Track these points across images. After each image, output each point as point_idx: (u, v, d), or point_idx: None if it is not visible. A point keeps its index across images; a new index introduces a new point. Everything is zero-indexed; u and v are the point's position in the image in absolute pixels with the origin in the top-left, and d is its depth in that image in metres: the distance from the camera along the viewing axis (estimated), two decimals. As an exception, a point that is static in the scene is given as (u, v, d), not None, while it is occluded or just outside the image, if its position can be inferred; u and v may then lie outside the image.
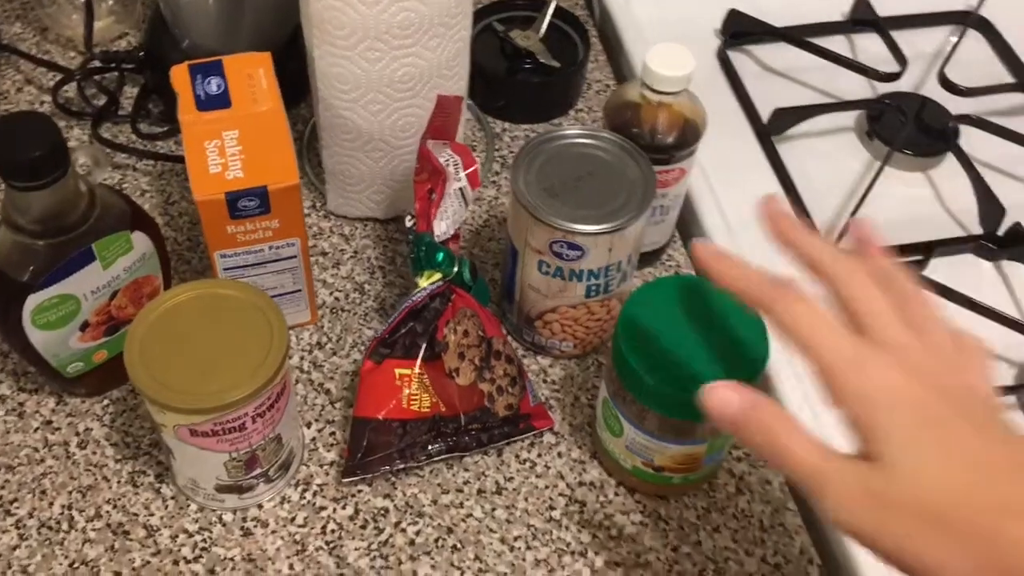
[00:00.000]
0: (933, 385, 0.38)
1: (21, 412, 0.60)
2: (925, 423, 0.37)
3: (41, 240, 0.51)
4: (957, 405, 0.38)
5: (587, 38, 0.80)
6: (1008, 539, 0.36)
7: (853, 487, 0.37)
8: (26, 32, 0.81)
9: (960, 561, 0.36)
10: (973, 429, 0.38)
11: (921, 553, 0.36)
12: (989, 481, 0.37)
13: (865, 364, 0.39)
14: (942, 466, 0.37)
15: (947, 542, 0.36)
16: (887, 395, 0.38)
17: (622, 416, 0.55)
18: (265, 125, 0.58)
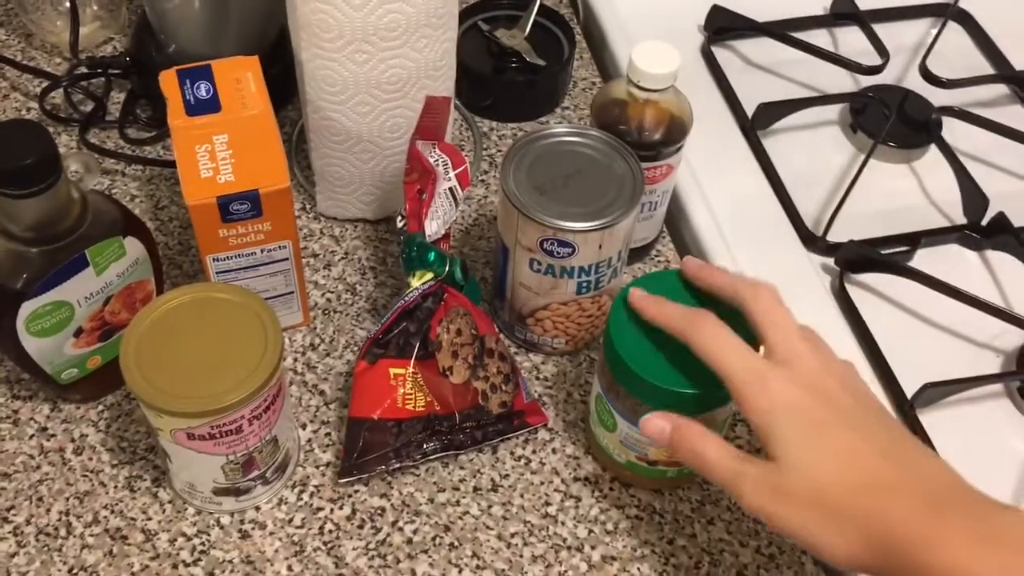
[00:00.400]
0: (820, 392, 0.46)
1: (16, 419, 0.60)
2: (811, 426, 0.45)
3: (34, 247, 0.51)
4: (838, 408, 0.46)
5: (572, 36, 0.80)
6: (880, 512, 0.43)
7: (760, 484, 0.45)
8: (10, 39, 0.81)
9: (846, 538, 0.43)
10: (850, 427, 0.46)
11: (816, 536, 0.44)
12: (862, 467, 0.44)
13: (767, 381, 0.47)
14: (824, 460, 0.45)
15: (833, 524, 0.44)
16: (783, 407, 0.46)
17: (615, 411, 0.55)
18: (255, 129, 0.58)
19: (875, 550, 0.43)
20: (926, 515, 0.42)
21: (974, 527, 0.42)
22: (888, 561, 0.42)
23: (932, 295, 0.68)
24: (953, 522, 0.42)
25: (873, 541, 0.43)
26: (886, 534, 0.42)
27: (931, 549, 0.41)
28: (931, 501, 0.43)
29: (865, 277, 0.71)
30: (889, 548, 0.42)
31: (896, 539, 0.42)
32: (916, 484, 0.44)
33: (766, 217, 0.74)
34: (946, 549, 0.41)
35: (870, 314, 0.68)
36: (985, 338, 0.68)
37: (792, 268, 0.71)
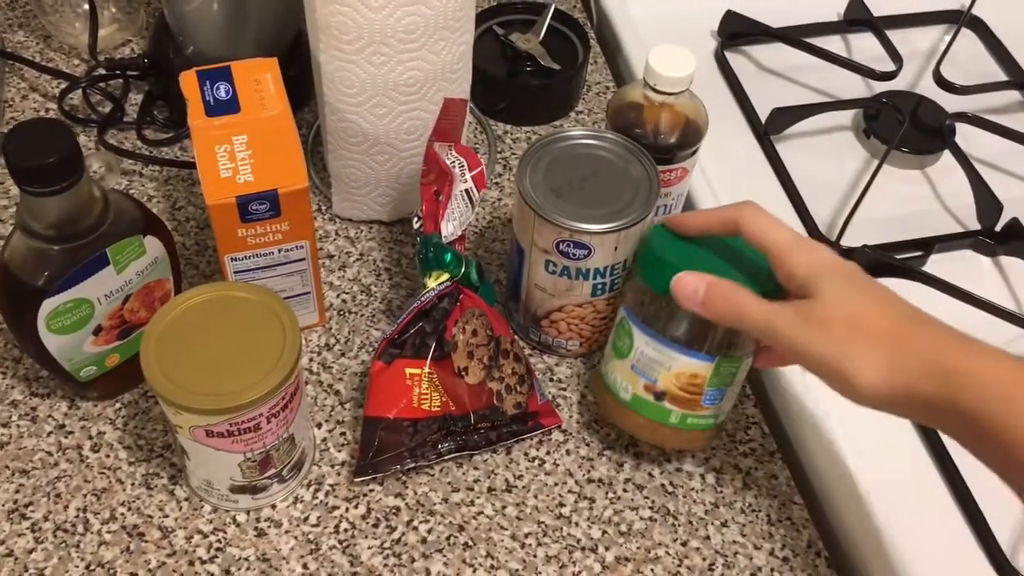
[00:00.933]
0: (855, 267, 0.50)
1: (34, 417, 0.60)
2: (848, 277, 0.49)
3: (56, 245, 0.51)
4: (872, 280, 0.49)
5: (586, 41, 0.80)
6: (912, 335, 0.46)
7: (795, 316, 0.48)
8: (29, 40, 0.81)
9: (875, 357, 0.45)
10: (880, 285, 0.49)
11: (846, 358, 0.46)
12: (891, 304, 0.48)
13: (813, 246, 0.51)
14: (860, 297, 0.48)
15: (864, 343, 0.46)
16: (827, 264, 0.49)
17: (635, 325, 0.55)
18: (274, 129, 0.58)
19: (910, 374, 0.44)
20: (964, 342, 0.45)
21: (1005, 355, 0.44)
22: (923, 384, 0.44)
23: (946, 300, 0.68)
24: (990, 350, 0.44)
25: (911, 361, 0.45)
26: (926, 353, 0.44)
27: (977, 363, 0.43)
28: (958, 337, 0.46)
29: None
30: (928, 367, 0.44)
31: (936, 357, 0.44)
32: (943, 326, 0.47)
33: (780, 221, 0.74)
34: (994, 365, 0.43)
35: (883, 319, 0.68)
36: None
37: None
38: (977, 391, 0.43)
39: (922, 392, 0.44)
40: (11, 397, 0.61)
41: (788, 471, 0.61)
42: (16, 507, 0.56)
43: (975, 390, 0.43)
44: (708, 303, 0.51)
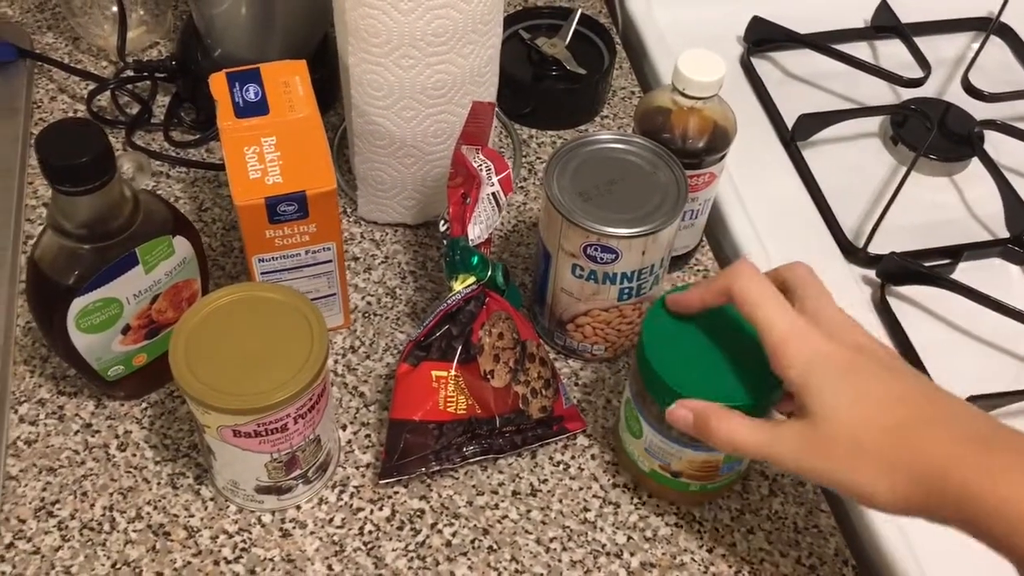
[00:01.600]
0: (853, 344, 0.47)
1: (61, 415, 0.60)
2: (844, 373, 0.45)
3: (86, 244, 0.52)
4: (870, 356, 0.46)
5: (612, 45, 0.80)
6: (923, 449, 0.43)
7: (797, 442, 0.46)
8: (58, 42, 0.82)
9: (892, 481, 0.43)
10: (882, 370, 0.46)
11: (862, 484, 0.44)
12: (899, 407, 0.44)
13: (807, 335, 0.47)
14: (860, 405, 0.44)
15: (876, 468, 0.43)
16: (821, 359, 0.46)
17: (642, 417, 0.55)
18: (302, 131, 0.58)
19: (921, 489, 0.42)
20: (973, 449, 0.42)
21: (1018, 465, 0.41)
22: (935, 499, 0.42)
23: (974, 308, 0.67)
24: (1003, 456, 0.41)
25: (918, 479, 0.42)
26: (932, 470, 0.42)
27: (983, 481, 0.41)
28: (975, 436, 0.42)
29: (906, 289, 0.70)
30: (936, 484, 0.42)
31: (943, 474, 0.42)
32: (955, 420, 0.43)
33: (806, 228, 0.74)
34: (1002, 480, 0.40)
35: (912, 327, 0.67)
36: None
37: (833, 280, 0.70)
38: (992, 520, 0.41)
39: (940, 512, 0.42)
40: (38, 395, 0.61)
41: (815, 479, 0.61)
42: (43, 505, 0.56)
43: (990, 520, 0.41)
44: (701, 430, 0.49)
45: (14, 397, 0.61)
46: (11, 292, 0.65)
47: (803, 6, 0.89)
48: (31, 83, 0.78)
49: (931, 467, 0.42)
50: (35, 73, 0.79)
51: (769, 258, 0.71)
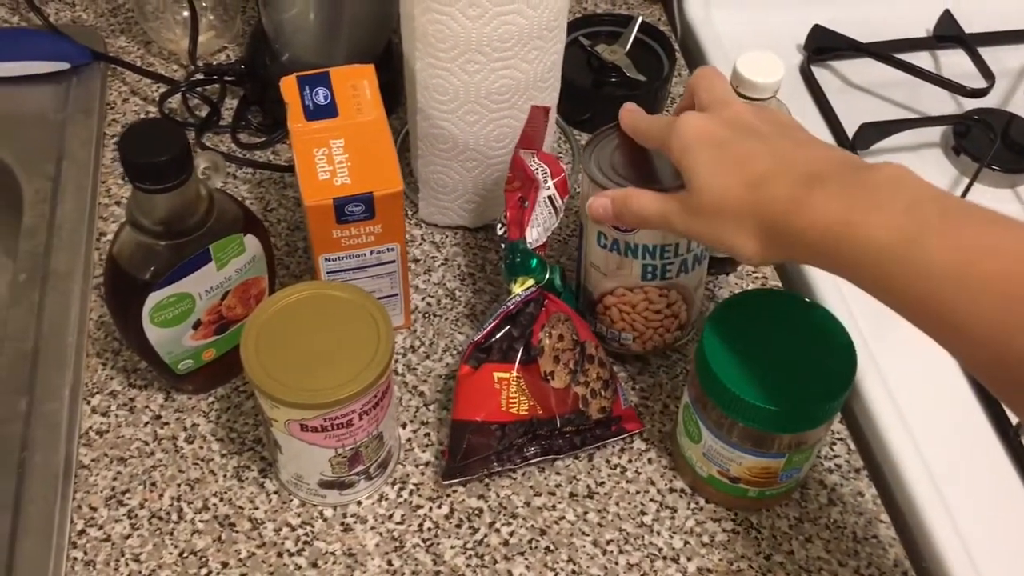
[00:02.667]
0: (734, 123, 0.50)
1: (132, 407, 0.62)
2: (714, 147, 0.49)
3: (162, 241, 0.53)
4: (745, 128, 0.49)
5: (672, 53, 0.81)
6: (764, 201, 0.46)
7: (680, 210, 0.50)
8: (131, 45, 0.84)
9: (749, 236, 0.47)
10: (748, 137, 0.49)
11: (728, 241, 0.48)
12: (752, 169, 0.47)
13: (684, 122, 0.50)
14: (722, 172, 0.48)
15: (735, 226, 0.48)
16: (695, 139, 0.50)
17: (701, 423, 0.55)
18: (370, 134, 0.60)
19: (770, 238, 0.46)
20: (799, 189, 0.45)
21: (839, 186, 0.44)
22: (781, 246, 0.46)
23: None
24: (821, 187, 0.45)
25: (765, 229, 0.46)
26: (772, 219, 0.46)
27: (801, 213, 0.45)
28: (806, 178, 0.45)
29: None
30: (777, 231, 0.46)
31: (778, 219, 0.46)
32: (796, 168, 0.46)
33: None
34: (812, 208, 0.44)
35: (973, 338, 0.67)
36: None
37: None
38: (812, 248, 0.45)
39: (795, 256, 0.47)
40: (110, 388, 0.63)
41: (875, 488, 0.61)
42: (114, 494, 0.58)
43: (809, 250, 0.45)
44: (617, 213, 0.54)
45: (87, 388, 0.63)
46: (85, 287, 0.67)
47: (864, 15, 0.89)
48: (105, 85, 0.80)
49: (771, 216, 0.46)
50: (108, 76, 0.81)
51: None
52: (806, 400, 0.51)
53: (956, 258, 0.40)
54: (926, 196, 0.43)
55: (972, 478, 0.61)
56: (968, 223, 0.41)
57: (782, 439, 0.53)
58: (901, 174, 0.44)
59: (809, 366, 0.52)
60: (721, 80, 0.53)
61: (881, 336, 0.66)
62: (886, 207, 0.42)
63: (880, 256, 0.42)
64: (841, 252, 0.43)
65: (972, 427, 0.64)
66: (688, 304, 0.63)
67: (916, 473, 0.60)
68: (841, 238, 0.43)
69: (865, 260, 0.42)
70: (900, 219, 0.42)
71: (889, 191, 0.43)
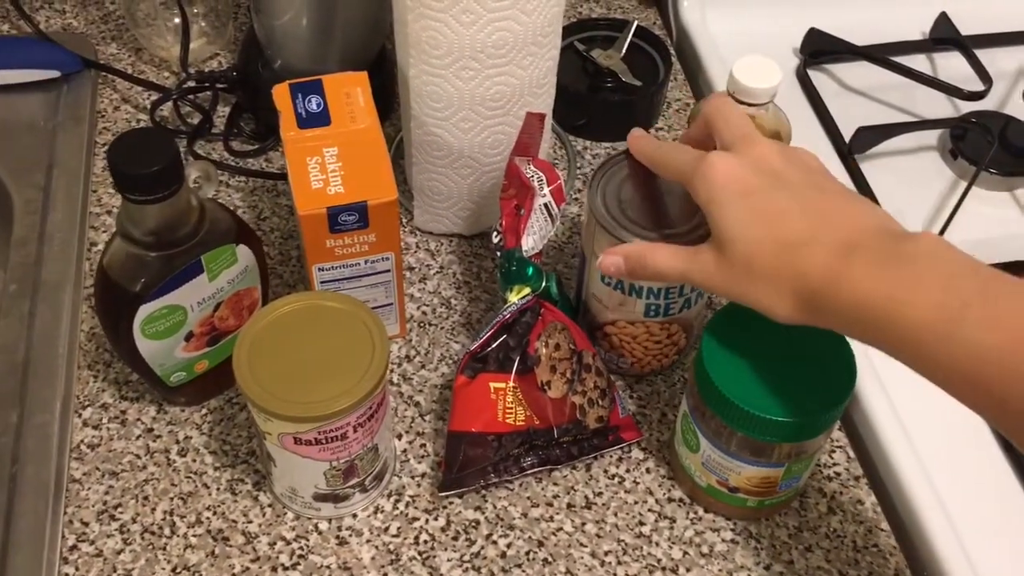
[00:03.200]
0: (761, 167, 0.48)
1: (123, 420, 0.61)
2: (743, 196, 0.47)
3: (153, 252, 0.53)
4: (774, 176, 0.48)
5: (668, 57, 0.80)
6: (799, 268, 0.45)
7: (707, 267, 0.49)
8: (122, 52, 0.83)
9: (782, 298, 0.46)
10: (780, 191, 0.47)
11: (760, 301, 0.47)
12: (784, 227, 0.46)
13: (715, 161, 0.48)
14: (752, 227, 0.47)
15: (767, 287, 0.46)
16: (722, 185, 0.48)
17: (700, 432, 0.55)
18: (363, 142, 0.59)
19: (804, 304, 0.45)
20: (836, 260, 0.44)
21: (876, 260, 0.43)
22: (816, 312, 0.45)
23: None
24: (859, 258, 0.44)
25: (799, 295, 0.45)
26: (808, 288, 0.45)
27: (840, 286, 0.44)
28: (843, 246, 0.44)
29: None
30: (813, 300, 0.45)
31: (815, 289, 0.45)
32: (832, 235, 0.45)
33: (864, 242, 0.73)
34: (850, 282, 0.43)
35: (973, 343, 0.66)
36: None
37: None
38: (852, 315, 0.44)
39: (828, 324, 0.46)
40: (102, 400, 0.62)
41: (874, 496, 0.60)
42: (105, 508, 0.57)
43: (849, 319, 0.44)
44: (631, 270, 0.53)
45: (78, 401, 0.62)
46: (76, 298, 0.66)
47: (860, 18, 0.88)
48: (95, 93, 0.80)
49: (807, 285, 0.45)
50: (99, 83, 0.81)
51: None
52: (806, 409, 0.51)
53: (998, 338, 0.40)
54: (965, 271, 0.42)
55: (972, 486, 0.60)
56: (1008, 299, 0.41)
57: (781, 448, 0.53)
58: (938, 248, 0.43)
59: (809, 375, 0.52)
60: (739, 114, 0.52)
61: (880, 342, 0.66)
62: (925, 282, 0.42)
63: (921, 334, 0.42)
64: (880, 328, 0.43)
65: (972, 434, 0.63)
66: (688, 333, 0.63)
67: (916, 481, 0.60)
68: (880, 315, 0.43)
69: (906, 337, 0.42)
70: (939, 296, 0.41)
71: (927, 265, 0.42)
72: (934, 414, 0.63)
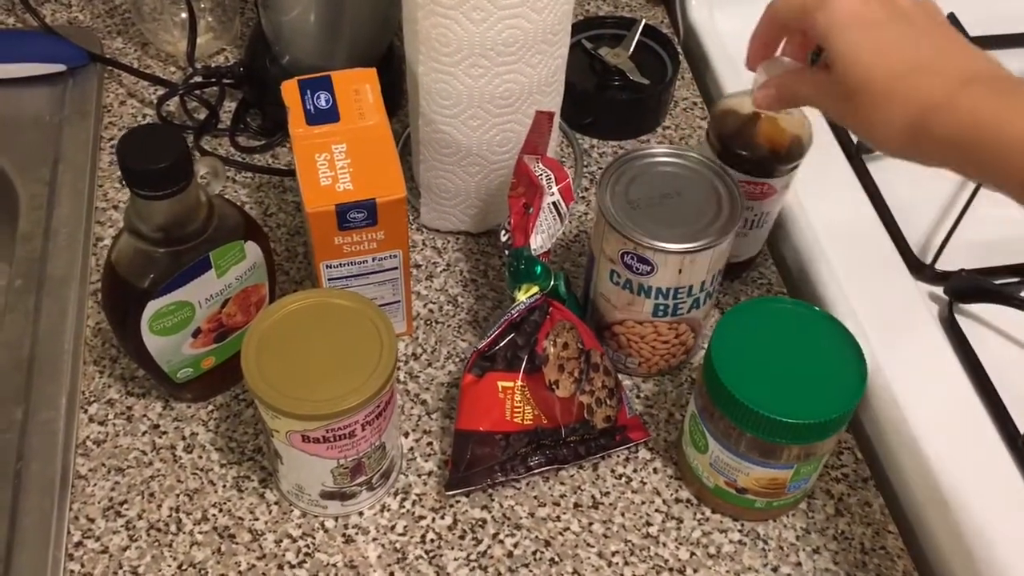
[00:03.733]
0: (886, 4, 0.49)
1: (130, 416, 0.61)
2: (864, 27, 0.48)
3: (161, 248, 0.52)
4: (895, 9, 0.49)
5: (676, 56, 0.80)
6: (915, 91, 0.46)
7: (826, 89, 0.50)
8: (128, 47, 0.83)
9: (892, 121, 0.47)
10: (901, 22, 0.48)
11: (868, 124, 0.48)
12: (903, 55, 0.47)
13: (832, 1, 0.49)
14: (870, 52, 0.48)
15: (879, 110, 0.47)
16: (843, 17, 0.48)
17: (708, 433, 0.55)
18: (372, 139, 0.59)
19: (914, 128, 0.46)
20: (954, 86, 0.45)
21: (992, 89, 0.45)
22: (924, 139, 0.46)
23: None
24: (975, 87, 0.45)
25: (911, 119, 0.46)
26: (921, 110, 0.46)
27: (953, 109, 0.45)
28: (962, 78, 0.46)
29: (976, 308, 0.69)
30: (924, 124, 0.46)
31: (927, 112, 0.45)
32: (952, 65, 0.47)
33: (872, 243, 0.73)
34: (965, 104, 0.45)
35: (981, 346, 0.66)
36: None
37: (899, 296, 0.70)
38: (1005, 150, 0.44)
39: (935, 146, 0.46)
40: (108, 396, 0.62)
41: (882, 499, 0.60)
42: (111, 505, 0.57)
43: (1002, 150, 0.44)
44: (780, 101, 0.55)
45: (84, 397, 0.62)
46: (81, 293, 0.66)
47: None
48: (101, 87, 0.79)
49: (921, 108, 0.46)
50: (105, 78, 0.80)
51: (833, 272, 0.70)
52: (816, 411, 0.50)
53: None
54: None
55: (980, 488, 0.60)
56: None
57: (791, 450, 0.53)
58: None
59: (819, 376, 0.52)
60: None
61: (889, 344, 0.66)
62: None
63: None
64: (986, 147, 0.44)
65: (979, 436, 0.63)
66: (696, 333, 0.63)
67: (924, 483, 0.60)
68: (988, 134, 0.44)
69: (1012, 155, 0.43)
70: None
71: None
72: (942, 417, 0.63)
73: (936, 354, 0.67)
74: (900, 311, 0.69)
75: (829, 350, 0.53)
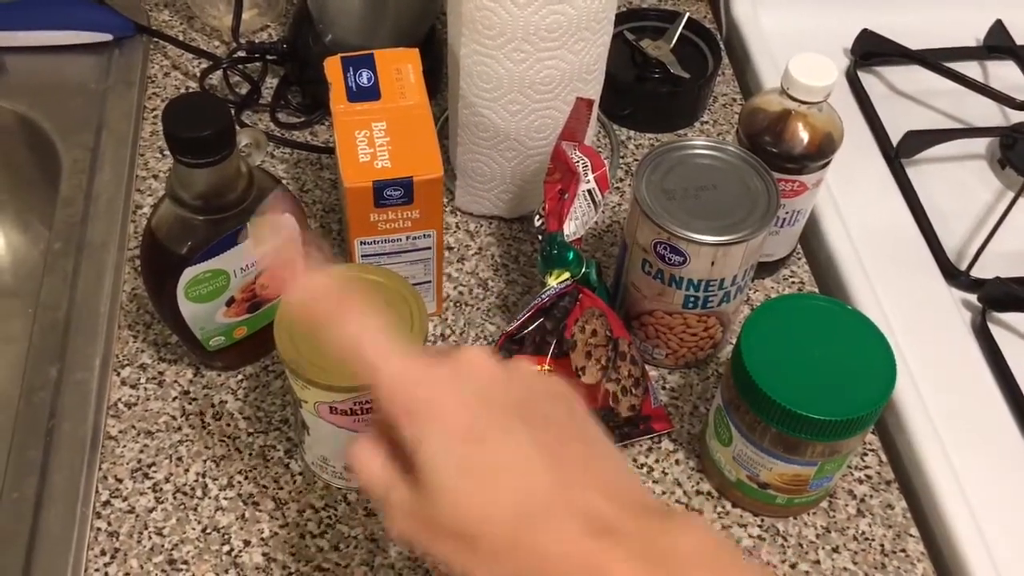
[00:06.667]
0: (488, 397, 0.38)
1: (161, 381, 0.62)
2: (466, 442, 0.37)
3: (201, 216, 0.53)
4: (506, 413, 0.38)
5: (717, 51, 0.80)
6: (526, 547, 0.36)
7: (406, 510, 0.38)
8: (174, 20, 0.84)
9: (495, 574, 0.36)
10: (515, 437, 0.37)
11: (465, 570, 0.37)
12: (517, 489, 0.37)
13: (420, 379, 0.38)
14: (474, 486, 0.37)
15: (481, 559, 0.36)
16: (433, 414, 0.37)
17: (733, 426, 0.55)
18: (412, 118, 0.59)
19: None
20: (587, 540, 0.36)
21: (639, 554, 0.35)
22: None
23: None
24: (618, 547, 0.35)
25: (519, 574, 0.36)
26: (541, 569, 0.36)
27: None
28: (593, 523, 0.36)
29: (1009, 316, 0.68)
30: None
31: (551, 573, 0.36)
32: (576, 501, 0.36)
33: (907, 248, 0.73)
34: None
35: (1013, 355, 0.66)
36: None
37: (932, 302, 0.69)
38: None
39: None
40: (140, 360, 0.63)
41: (905, 502, 0.60)
42: (140, 466, 0.58)
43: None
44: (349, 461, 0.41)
45: (117, 360, 0.63)
46: (119, 259, 0.67)
47: (913, 21, 0.87)
48: (147, 58, 0.80)
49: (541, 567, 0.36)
50: (151, 49, 0.81)
51: (867, 273, 0.70)
52: (843, 408, 0.50)
53: None
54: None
55: (1005, 496, 0.60)
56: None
57: (816, 447, 0.52)
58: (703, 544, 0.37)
59: (848, 373, 0.52)
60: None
61: (919, 348, 0.65)
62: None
63: None
64: None
65: (1006, 443, 0.62)
66: (725, 327, 0.63)
67: (948, 488, 0.59)
68: None
69: None
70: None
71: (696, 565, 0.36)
72: (969, 423, 0.63)
73: (967, 361, 0.66)
74: (933, 316, 0.69)
75: (859, 349, 0.53)
